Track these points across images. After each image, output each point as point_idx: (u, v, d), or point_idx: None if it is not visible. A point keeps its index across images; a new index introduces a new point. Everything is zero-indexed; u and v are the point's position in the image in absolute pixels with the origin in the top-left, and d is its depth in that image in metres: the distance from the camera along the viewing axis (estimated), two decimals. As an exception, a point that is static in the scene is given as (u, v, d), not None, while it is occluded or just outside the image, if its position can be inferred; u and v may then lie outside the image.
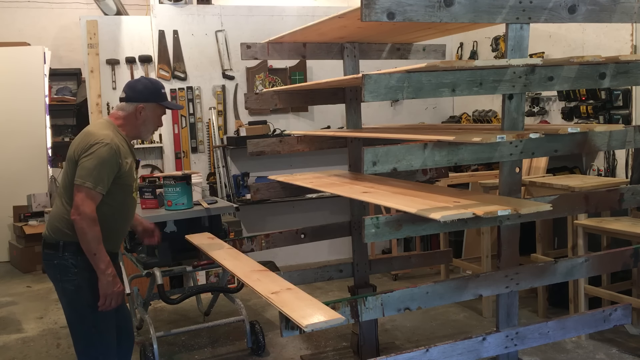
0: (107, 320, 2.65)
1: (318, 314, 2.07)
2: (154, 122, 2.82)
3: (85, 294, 2.59)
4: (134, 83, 2.81)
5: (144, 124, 2.77)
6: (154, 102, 2.77)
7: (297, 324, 2.00)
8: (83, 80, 6.97)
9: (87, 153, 2.53)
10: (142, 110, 2.74)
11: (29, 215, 6.50)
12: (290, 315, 2.06)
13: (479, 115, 5.80)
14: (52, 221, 2.68)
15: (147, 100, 2.76)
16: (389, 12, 2.06)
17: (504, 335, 2.52)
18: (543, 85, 2.31)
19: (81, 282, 2.59)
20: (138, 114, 2.74)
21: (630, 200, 2.66)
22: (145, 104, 2.75)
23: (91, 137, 2.58)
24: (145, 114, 2.76)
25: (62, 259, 2.60)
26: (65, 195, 2.63)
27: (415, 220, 2.20)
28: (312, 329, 2.00)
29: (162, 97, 2.81)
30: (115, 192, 2.62)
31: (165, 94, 2.85)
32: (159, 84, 2.84)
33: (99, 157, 2.52)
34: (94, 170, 2.51)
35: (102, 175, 2.52)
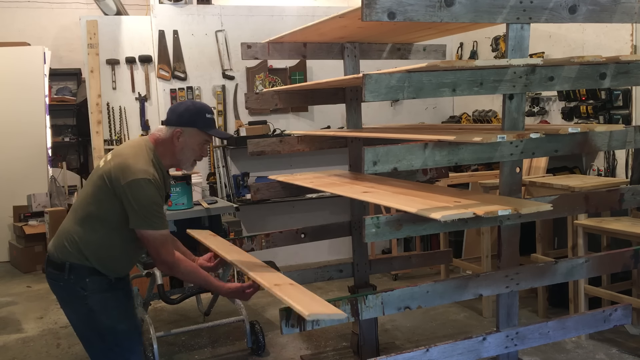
0: (130, 336, 2.48)
1: (321, 307, 2.08)
2: (194, 150, 2.51)
3: (101, 316, 2.40)
4: (176, 105, 2.56)
5: (182, 151, 2.49)
6: (194, 127, 2.48)
7: (300, 313, 1.99)
8: (83, 80, 6.98)
9: (138, 194, 2.31)
10: (179, 136, 2.47)
11: (29, 215, 6.50)
12: (294, 305, 2.05)
13: (479, 115, 5.80)
14: (59, 238, 2.48)
15: (187, 124, 2.47)
16: (390, 11, 2.06)
17: (504, 335, 2.52)
18: (543, 85, 2.31)
19: (94, 305, 2.40)
20: (175, 140, 2.47)
21: (630, 200, 2.66)
22: (183, 128, 2.47)
23: (129, 171, 2.32)
24: (184, 139, 2.47)
25: (68, 282, 2.41)
26: (79, 211, 2.44)
27: (416, 220, 2.20)
28: (314, 319, 2.01)
29: (204, 123, 2.49)
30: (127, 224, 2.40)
31: (211, 120, 2.53)
32: (205, 108, 2.53)
33: (151, 198, 2.33)
34: (155, 212, 2.35)
35: (159, 212, 2.37)
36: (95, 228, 2.40)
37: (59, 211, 6.13)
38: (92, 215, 2.40)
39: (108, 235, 2.40)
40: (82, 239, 2.40)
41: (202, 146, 2.53)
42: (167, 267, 2.44)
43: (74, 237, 2.41)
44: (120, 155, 2.41)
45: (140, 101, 5.83)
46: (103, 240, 2.40)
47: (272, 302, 4.88)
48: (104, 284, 2.42)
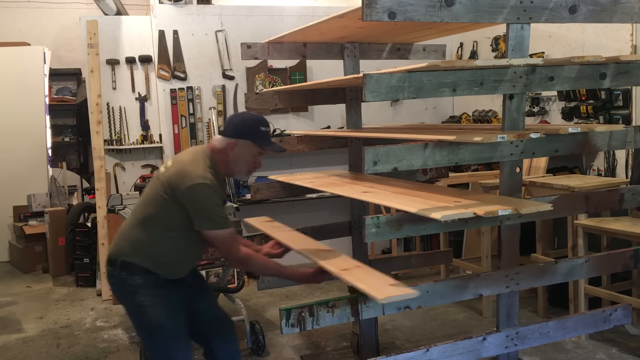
0: (174, 342, 2.50)
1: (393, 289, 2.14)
2: (247, 162, 2.58)
3: (149, 312, 2.47)
4: (233, 116, 2.65)
5: (236, 162, 2.56)
6: (248, 139, 2.54)
7: (374, 298, 2.07)
8: (83, 80, 6.98)
9: (199, 197, 2.40)
10: (234, 147, 2.54)
11: (29, 215, 6.50)
12: (366, 290, 2.12)
13: (479, 115, 5.80)
14: (118, 237, 2.59)
15: (241, 136, 2.54)
16: (390, 11, 2.06)
17: (504, 335, 2.52)
18: (544, 85, 2.31)
19: (143, 302, 2.47)
20: (230, 150, 2.54)
21: (630, 200, 2.66)
22: (238, 140, 2.54)
23: (188, 177, 2.41)
24: (238, 151, 2.55)
25: (119, 277, 2.50)
26: (139, 213, 2.54)
27: (416, 220, 2.20)
28: (389, 302, 2.11)
29: (258, 135, 2.56)
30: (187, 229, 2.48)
31: (265, 133, 2.58)
32: (260, 121, 2.58)
33: (212, 200, 2.43)
34: (217, 212, 2.44)
35: (222, 212, 2.48)
36: (152, 230, 2.50)
37: (59, 211, 6.13)
38: (151, 218, 2.50)
39: (165, 238, 2.49)
40: (139, 239, 2.50)
41: (256, 158, 2.59)
42: (240, 263, 2.58)
43: (131, 237, 2.52)
44: (180, 162, 2.51)
45: (140, 101, 5.83)
46: (160, 243, 2.49)
47: (272, 302, 4.88)
48: (154, 282, 2.49)
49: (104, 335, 4.30)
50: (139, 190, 3.83)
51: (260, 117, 2.60)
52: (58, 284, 5.76)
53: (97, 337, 4.26)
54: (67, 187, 7.06)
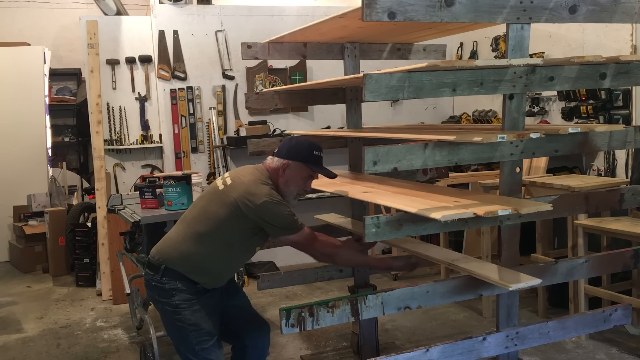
0: (208, 341, 2.59)
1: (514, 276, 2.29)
2: (297, 184, 2.66)
3: (186, 313, 2.56)
4: (288, 139, 2.74)
5: (287, 183, 2.65)
6: (300, 162, 2.63)
7: (502, 286, 2.23)
8: (83, 80, 6.98)
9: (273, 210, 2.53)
10: (286, 168, 2.64)
11: (29, 215, 6.50)
12: (491, 278, 2.26)
13: (479, 115, 5.80)
14: (163, 244, 2.67)
15: (294, 158, 2.63)
16: (390, 11, 2.06)
17: (504, 335, 2.52)
18: (544, 85, 2.31)
19: (181, 303, 2.56)
20: (282, 171, 2.64)
21: (630, 200, 2.66)
22: (290, 161, 2.63)
23: (257, 196, 2.52)
24: (290, 172, 2.64)
25: (160, 282, 2.58)
26: (194, 226, 2.61)
27: (416, 220, 2.20)
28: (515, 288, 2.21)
29: (310, 159, 2.65)
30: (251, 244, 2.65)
31: (318, 157, 2.67)
32: (314, 146, 2.67)
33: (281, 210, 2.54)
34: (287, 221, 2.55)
35: (295, 217, 2.58)
36: (209, 245, 2.58)
37: (59, 211, 6.13)
38: (209, 235, 2.57)
39: (221, 251, 2.59)
40: (191, 252, 2.57)
41: (307, 181, 2.68)
42: (329, 258, 2.71)
43: (182, 248, 2.59)
44: (243, 183, 2.59)
45: (140, 101, 5.83)
46: (213, 256, 2.59)
47: (272, 302, 4.88)
48: (193, 288, 2.58)
49: (104, 335, 4.30)
50: (139, 190, 3.83)
51: (315, 142, 2.70)
52: (58, 284, 5.76)
53: (97, 337, 4.26)
54: (67, 187, 7.06)
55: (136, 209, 3.78)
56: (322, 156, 2.69)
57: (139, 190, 3.83)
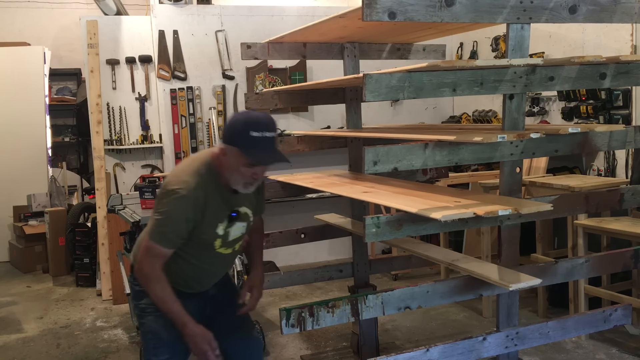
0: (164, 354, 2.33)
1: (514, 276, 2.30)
2: (240, 173, 2.20)
3: (147, 320, 2.37)
4: (232, 116, 2.29)
5: (230, 171, 2.22)
6: (235, 146, 2.16)
7: (502, 286, 2.22)
8: (83, 80, 6.97)
9: (161, 203, 2.20)
10: (224, 154, 2.21)
11: (29, 215, 6.50)
12: (492, 279, 2.26)
13: (479, 115, 5.80)
14: (135, 245, 2.49)
15: (229, 142, 2.19)
16: (390, 11, 2.06)
17: (504, 335, 2.52)
18: (544, 85, 2.31)
19: (145, 307, 2.36)
20: (222, 157, 2.22)
21: (630, 200, 2.66)
22: (227, 146, 2.19)
23: (168, 181, 2.22)
24: (227, 159, 2.21)
25: (133, 283, 2.42)
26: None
27: (416, 220, 2.20)
28: (515, 288, 2.22)
29: (245, 142, 2.14)
30: (193, 246, 2.30)
31: (256, 140, 2.15)
32: (253, 124, 2.15)
33: (169, 212, 2.17)
34: (161, 225, 2.19)
35: (171, 230, 2.19)
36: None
37: (59, 211, 6.13)
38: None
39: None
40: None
41: (247, 169, 2.19)
42: (142, 276, 2.27)
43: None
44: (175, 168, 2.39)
45: (140, 101, 5.83)
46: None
47: (272, 302, 4.88)
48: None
49: (104, 335, 4.30)
50: (139, 190, 3.83)
51: (256, 118, 2.19)
52: (58, 284, 5.76)
53: (97, 337, 4.26)
54: (67, 187, 7.06)
55: (136, 209, 3.78)
56: (268, 136, 2.17)
57: (139, 190, 3.83)
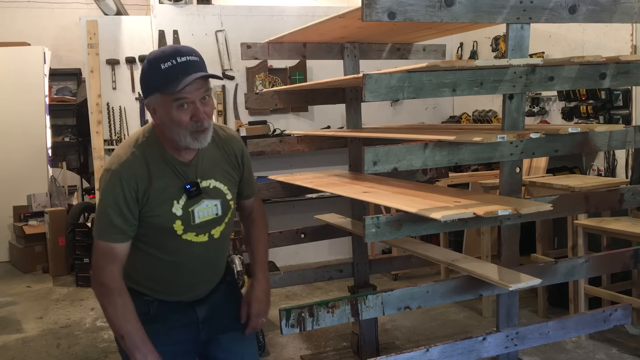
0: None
1: (514, 276, 2.28)
2: (175, 122, 1.76)
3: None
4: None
5: (167, 127, 1.80)
6: (153, 92, 1.78)
7: (502, 286, 2.21)
8: (83, 80, 6.98)
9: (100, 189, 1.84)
10: (153, 111, 1.82)
11: (29, 215, 6.50)
12: (492, 279, 2.25)
13: (479, 115, 5.80)
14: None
15: (148, 92, 1.81)
16: (390, 11, 2.06)
17: (504, 335, 2.52)
18: (544, 85, 2.31)
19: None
20: (153, 115, 1.84)
21: (630, 201, 2.66)
22: (149, 98, 1.81)
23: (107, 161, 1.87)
24: (158, 115, 1.81)
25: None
26: None
27: (416, 220, 2.20)
28: (514, 288, 2.21)
29: (160, 79, 1.74)
30: (151, 234, 1.87)
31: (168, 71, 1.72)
32: (158, 57, 1.75)
33: (105, 195, 1.80)
34: (102, 215, 1.81)
35: (113, 217, 1.78)
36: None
37: (59, 211, 6.13)
38: None
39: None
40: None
41: (180, 111, 1.75)
42: (96, 286, 1.82)
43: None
44: None
45: (140, 101, 5.83)
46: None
47: (272, 302, 4.83)
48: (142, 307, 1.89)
49: (104, 335, 4.30)
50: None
51: (159, 51, 1.78)
52: (58, 284, 5.76)
53: (97, 337, 4.26)
54: (67, 187, 7.06)
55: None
56: (181, 61, 1.73)
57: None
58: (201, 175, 1.91)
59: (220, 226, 1.98)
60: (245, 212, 2.23)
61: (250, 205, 2.21)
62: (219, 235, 1.98)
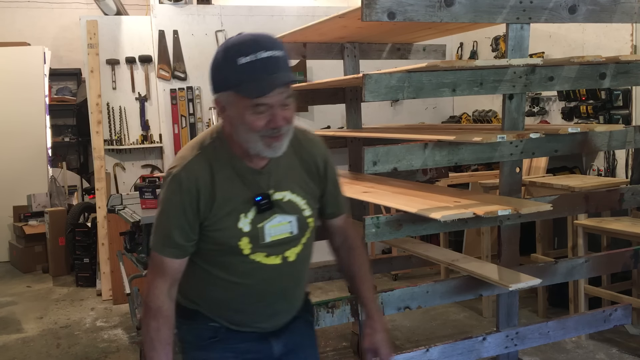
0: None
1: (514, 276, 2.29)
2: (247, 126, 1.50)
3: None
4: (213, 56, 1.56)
5: (236, 129, 1.53)
6: (227, 90, 1.52)
7: (502, 286, 2.22)
8: (83, 80, 6.97)
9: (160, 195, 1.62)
10: (222, 109, 1.56)
11: (29, 215, 6.50)
12: (492, 279, 2.26)
13: (479, 115, 5.80)
14: None
15: (218, 87, 1.55)
16: (390, 11, 2.06)
17: (504, 335, 2.52)
18: (543, 85, 2.32)
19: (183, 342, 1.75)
20: (222, 115, 1.57)
21: (630, 200, 2.66)
22: (219, 95, 1.55)
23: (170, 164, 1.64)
24: (228, 112, 1.54)
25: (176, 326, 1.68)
26: None
27: (416, 220, 2.20)
28: (515, 288, 2.21)
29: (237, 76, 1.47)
30: (214, 251, 1.61)
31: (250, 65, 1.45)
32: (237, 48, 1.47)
33: (164, 203, 1.58)
34: (159, 224, 1.59)
35: (165, 228, 1.57)
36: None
37: (59, 211, 6.13)
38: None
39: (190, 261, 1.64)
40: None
41: (256, 117, 1.48)
42: (144, 305, 1.61)
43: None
44: None
45: (140, 101, 5.83)
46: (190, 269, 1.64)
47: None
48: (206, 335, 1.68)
49: (104, 335, 4.30)
50: (139, 190, 3.82)
51: (238, 40, 1.49)
52: (58, 284, 5.76)
53: (97, 337, 4.26)
54: (67, 187, 7.06)
55: (136, 209, 3.78)
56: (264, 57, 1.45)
57: (139, 190, 3.82)
58: (274, 185, 1.61)
59: (295, 247, 1.67)
60: (336, 238, 1.87)
61: (338, 227, 1.86)
62: (294, 258, 1.67)
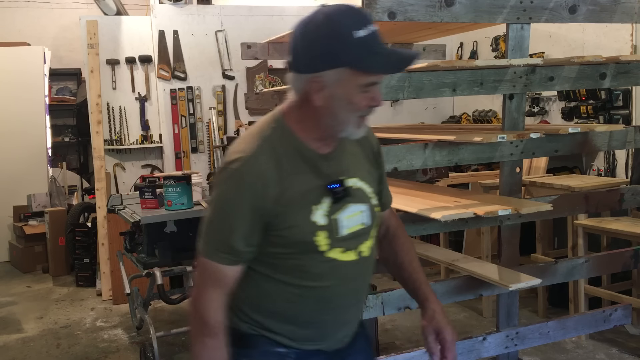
0: None
1: (514, 276, 2.27)
2: (352, 105, 1.34)
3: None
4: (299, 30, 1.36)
5: (331, 112, 1.35)
6: (340, 66, 1.30)
7: (502, 286, 2.21)
8: (83, 80, 6.97)
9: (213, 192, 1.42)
10: (321, 88, 1.33)
11: (29, 215, 6.50)
12: (492, 279, 2.25)
13: (479, 115, 5.80)
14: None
15: (327, 65, 1.31)
16: (390, 11, 2.06)
17: (504, 335, 2.52)
18: (544, 85, 2.32)
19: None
20: (315, 96, 1.34)
21: (630, 200, 2.66)
22: (322, 73, 1.31)
23: (226, 156, 1.42)
24: (329, 92, 1.32)
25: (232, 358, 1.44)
26: None
27: (416, 220, 2.20)
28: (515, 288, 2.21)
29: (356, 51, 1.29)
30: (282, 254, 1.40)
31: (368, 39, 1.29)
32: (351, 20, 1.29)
33: (221, 202, 1.38)
34: (212, 227, 1.38)
35: (221, 233, 1.36)
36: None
37: (59, 211, 6.13)
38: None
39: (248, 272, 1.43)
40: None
41: (364, 95, 1.33)
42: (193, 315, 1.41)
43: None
44: None
45: (140, 101, 5.83)
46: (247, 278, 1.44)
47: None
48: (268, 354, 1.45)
49: (104, 335, 4.30)
50: (139, 190, 3.83)
51: (347, 10, 1.32)
52: (58, 284, 5.76)
53: (97, 337, 4.26)
54: (67, 187, 7.06)
55: (136, 209, 3.78)
56: (375, 30, 1.31)
57: (139, 190, 3.83)
58: (345, 171, 1.44)
59: (367, 240, 1.48)
60: (381, 228, 1.64)
61: (386, 218, 1.66)
62: (368, 253, 1.48)
